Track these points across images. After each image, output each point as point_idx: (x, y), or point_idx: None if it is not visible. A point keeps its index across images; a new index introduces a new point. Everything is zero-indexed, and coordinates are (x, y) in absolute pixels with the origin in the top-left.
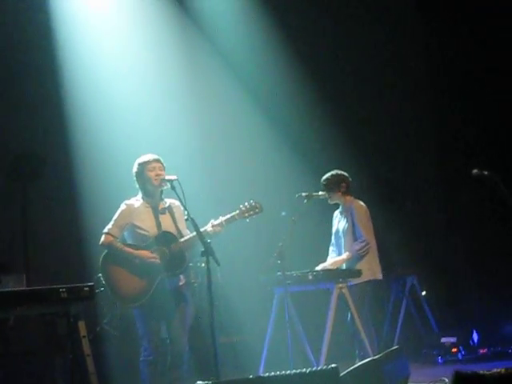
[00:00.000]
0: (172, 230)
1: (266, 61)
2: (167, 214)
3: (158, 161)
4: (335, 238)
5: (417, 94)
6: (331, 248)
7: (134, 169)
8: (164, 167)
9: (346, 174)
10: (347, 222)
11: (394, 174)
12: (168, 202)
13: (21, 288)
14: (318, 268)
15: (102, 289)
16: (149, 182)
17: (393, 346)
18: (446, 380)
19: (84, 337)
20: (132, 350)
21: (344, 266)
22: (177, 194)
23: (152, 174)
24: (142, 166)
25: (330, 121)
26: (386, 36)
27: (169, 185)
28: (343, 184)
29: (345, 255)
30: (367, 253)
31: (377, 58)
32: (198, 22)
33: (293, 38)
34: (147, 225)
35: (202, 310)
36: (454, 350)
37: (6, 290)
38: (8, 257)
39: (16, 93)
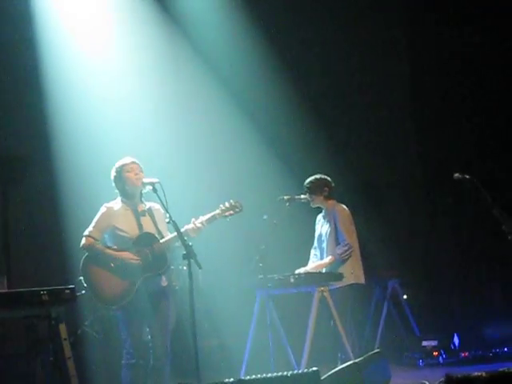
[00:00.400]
0: (152, 231)
1: (250, 64)
2: (147, 216)
3: (135, 162)
4: (318, 242)
5: (399, 95)
6: (313, 251)
7: (113, 173)
8: (142, 169)
9: (328, 178)
10: (330, 225)
11: (376, 177)
12: (148, 204)
13: (2, 290)
14: (300, 271)
15: (84, 292)
16: (128, 183)
17: (374, 349)
18: (427, 383)
19: (65, 339)
20: (114, 353)
21: (324, 270)
22: (158, 197)
23: (131, 175)
24: (120, 168)
25: (312, 124)
26: (368, 38)
27: (150, 187)
28: (326, 188)
29: (327, 259)
30: (350, 256)
31: (360, 61)
32: (181, 24)
33: (277, 40)
34: (128, 227)
35: (182, 313)
36: (436, 353)
37: None
38: None
39: None
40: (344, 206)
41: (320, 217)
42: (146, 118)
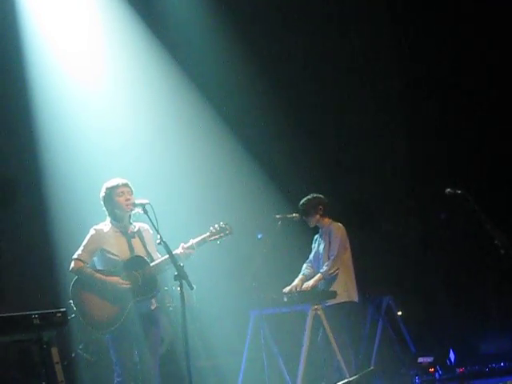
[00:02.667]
0: (142, 253)
1: (240, 84)
2: (137, 237)
3: (126, 185)
4: (315, 259)
5: (390, 113)
6: (305, 265)
7: (102, 193)
8: (132, 191)
9: (322, 196)
10: (325, 243)
11: (369, 195)
12: (137, 225)
13: None
14: (288, 289)
15: (73, 315)
16: (118, 207)
17: (370, 366)
18: None
19: (57, 363)
20: (107, 376)
21: (320, 287)
22: (149, 218)
23: (121, 200)
24: (111, 190)
25: (304, 144)
26: (359, 49)
27: (141, 208)
28: (320, 207)
29: (316, 277)
30: (337, 273)
31: (350, 76)
32: (177, 58)
33: (266, 58)
34: (117, 249)
35: (177, 334)
36: (431, 369)
37: None
38: None
39: None
40: (340, 224)
41: (317, 236)
42: (136, 138)
